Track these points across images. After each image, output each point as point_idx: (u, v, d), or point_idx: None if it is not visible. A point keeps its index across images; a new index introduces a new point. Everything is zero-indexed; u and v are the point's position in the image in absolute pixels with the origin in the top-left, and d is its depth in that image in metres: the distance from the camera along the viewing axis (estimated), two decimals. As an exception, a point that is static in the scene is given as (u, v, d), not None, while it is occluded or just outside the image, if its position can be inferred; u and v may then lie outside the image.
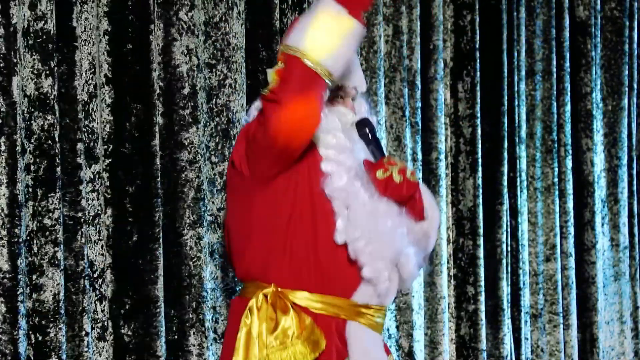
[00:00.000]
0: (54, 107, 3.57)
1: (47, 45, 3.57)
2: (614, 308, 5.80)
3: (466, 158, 5.08)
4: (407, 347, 4.80)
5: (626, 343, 5.85)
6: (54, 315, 3.57)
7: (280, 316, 3.02)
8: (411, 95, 4.84)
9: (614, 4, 5.71)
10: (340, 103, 3.20)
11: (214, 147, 4.08)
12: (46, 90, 3.56)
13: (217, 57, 4.08)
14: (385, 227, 3.08)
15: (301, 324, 3.02)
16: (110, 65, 3.80)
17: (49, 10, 3.57)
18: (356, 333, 3.09)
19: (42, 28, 3.57)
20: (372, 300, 3.11)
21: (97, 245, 3.75)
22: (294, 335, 3.00)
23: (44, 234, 3.57)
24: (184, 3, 3.97)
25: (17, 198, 3.48)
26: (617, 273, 5.79)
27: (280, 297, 3.04)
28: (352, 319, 3.09)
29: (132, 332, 3.81)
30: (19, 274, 3.48)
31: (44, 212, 3.57)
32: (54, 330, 3.57)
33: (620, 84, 5.71)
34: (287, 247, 3.05)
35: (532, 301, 5.40)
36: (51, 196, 3.57)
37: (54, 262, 3.57)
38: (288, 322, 3.02)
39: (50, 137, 3.57)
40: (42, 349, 3.57)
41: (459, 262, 5.09)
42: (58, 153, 3.57)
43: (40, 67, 3.56)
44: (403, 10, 4.82)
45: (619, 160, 5.73)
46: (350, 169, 3.09)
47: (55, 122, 3.56)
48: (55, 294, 3.57)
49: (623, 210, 5.76)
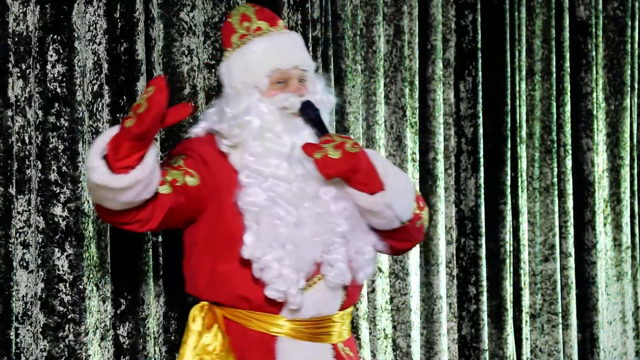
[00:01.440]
0: (25, 109, 3.56)
1: (34, 46, 3.57)
2: (616, 308, 5.80)
3: (468, 158, 5.08)
4: (404, 347, 4.79)
5: (628, 343, 5.84)
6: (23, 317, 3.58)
7: (204, 332, 3.03)
8: (411, 96, 4.84)
9: (617, 4, 5.70)
10: (282, 89, 3.09)
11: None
12: (32, 92, 3.56)
13: (217, 57, 4.08)
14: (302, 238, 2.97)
15: (224, 342, 3.02)
16: (109, 65, 3.80)
17: (35, 10, 3.57)
18: (286, 348, 3.02)
19: (28, 28, 3.57)
20: (302, 315, 3.03)
21: (101, 244, 3.75)
22: (214, 351, 3.01)
23: (34, 235, 3.58)
24: (185, 3, 3.97)
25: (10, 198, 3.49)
26: (619, 273, 5.79)
27: (209, 312, 3.05)
28: (284, 334, 3.03)
29: (128, 332, 3.81)
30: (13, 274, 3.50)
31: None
32: (23, 332, 3.57)
33: (622, 84, 5.71)
34: (210, 265, 3.03)
35: (531, 301, 5.39)
36: (20, 198, 3.57)
37: (22, 264, 3.57)
38: (209, 339, 3.02)
39: (20, 140, 3.56)
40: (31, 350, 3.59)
41: (461, 262, 5.08)
42: (29, 155, 3.56)
43: (27, 69, 3.56)
44: (404, 10, 4.81)
45: (622, 160, 5.72)
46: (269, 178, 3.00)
47: (25, 124, 3.56)
48: (23, 295, 3.57)
49: (625, 210, 5.76)
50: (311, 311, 3.03)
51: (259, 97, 3.07)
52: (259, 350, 3.01)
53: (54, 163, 3.60)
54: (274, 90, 3.08)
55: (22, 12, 3.56)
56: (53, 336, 3.59)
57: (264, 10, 3.21)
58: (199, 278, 3.08)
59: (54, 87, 3.60)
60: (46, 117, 3.59)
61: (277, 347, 3.02)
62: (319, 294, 3.02)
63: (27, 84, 3.55)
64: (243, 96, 3.08)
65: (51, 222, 3.59)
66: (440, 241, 4.90)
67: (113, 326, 3.78)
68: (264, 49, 3.11)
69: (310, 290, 3.01)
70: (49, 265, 3.58)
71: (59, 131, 3.60)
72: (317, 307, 3.03)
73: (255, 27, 3.13)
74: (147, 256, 3.83)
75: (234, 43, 3.16)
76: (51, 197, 3.59)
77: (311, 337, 3.05)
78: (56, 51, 3.61)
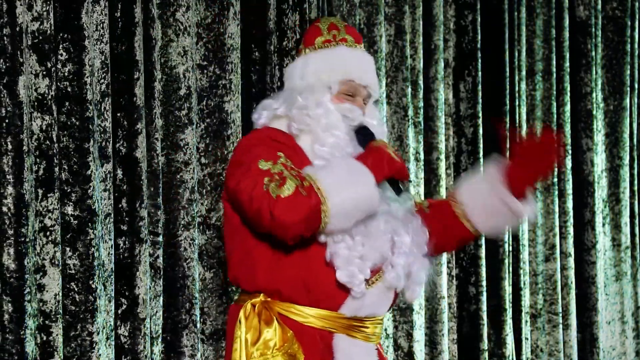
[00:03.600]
0: (52, 107, 3.56)
1: (45, 45, 3.57)
2: (615, 308, 5.80)
3: (468, 158, 5.08)
4: (406, 347, 4.79)
5: (627, 343, 5.84)
6: (55, 315, 3.58)
7: (264, 327, 3.03)
8: (414, 95, 4.84)
9: (616, 4, 5.70)
10: (349, 100, 3.18)
11: (203, 148, 4.08)
12: (43, 91, 3.56)
13: (209, 58, 4.08)
14: (375, 230, 3.04)
15: (284, 336, 3.02)
16: (111, 65, 3.80)
17: (44, 10, 3.56)
18: (344, 346, 3.06)
19: (39, 28, 3.57)
20: (360, 312, 3.07)
21: (107, 244, 3.75)
22: (275, 347, 3.01)
23: (45, 234, 3.57)
24: (180, 4, 3.97)
25: (23, 198, 3.49)
26: (618, 273, 5.79)
27: (266, 308, 3.04)
28: (340, 331, 3.06)
29: (128, 332, 3.81)
30: (26, 274, 3.49)
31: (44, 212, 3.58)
32: (56, 330, 3.57)
33: (621, 84, 5.71)
34: (274, 258, 3.04)
35: (531, 301, 5.40)
36: (50, 196, 3.56)
37: (54, 262, 3.57)
38: (270, 334, 3.02)
39: (49, 138, 3.57)
40: (46, 348, 3.58)
41: (461, 262, 5.09)
42: (56, 153, 3.57)
43: (38, 68, 3.56)
44: (406, 9, 4.81)
45: (621, 160, 5.72)
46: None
47: (52, 122, 3.56)
48: (55, 294, 3.57)
49: (625, 210, 5.76)
50: (368, 310, 3.08)
51: (329, 98, 3.15)
52: (315, 346, 3.04)
53: (64, 162, 3.60)
54: (341, 99, 3.16)
55: (37, 11, 3.56)
56: (65, 336, 3.60)
57: (352, 27, 3.35)
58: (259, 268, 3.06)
59: (64, 86, 3.61)
60: (58, 116, 3.60)
61: (335, 344, 3.06)
62: (377, 293, 3.08)
63: (52, 82, 3.55)
64: (315, 91, 3.15)
65: (63, 222, 3.59)
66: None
67: (114, 326, 3.78)
68: (347, 57, 3.21)
69: (370, 289, 3.06)
70: (61, 265, 3.59)
71: (70, 130, 3.61)
72: (373, 306, 3.09)
73: (341, 37, 3.23)
74: (147, 256, 3.83)
75: (317, 44, 3.23)
76: (63, 197, 3.59)
77: (364, 337, 3.11)
78: (66, 50, 3.61)
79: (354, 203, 2.93)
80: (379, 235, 3.05)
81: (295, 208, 2.86)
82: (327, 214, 2.89)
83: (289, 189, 2.86)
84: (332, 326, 3.06)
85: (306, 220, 2.87)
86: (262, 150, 3.01)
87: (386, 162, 3.02)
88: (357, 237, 3.01)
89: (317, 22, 3.30)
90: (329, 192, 2.89)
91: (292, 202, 2.85)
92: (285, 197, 2.86)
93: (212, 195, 4.05)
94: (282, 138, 3.10)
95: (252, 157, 3.00)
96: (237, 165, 3.03)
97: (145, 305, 3.80)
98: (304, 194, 2.87)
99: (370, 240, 3.03)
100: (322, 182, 2.90)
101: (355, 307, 3.05)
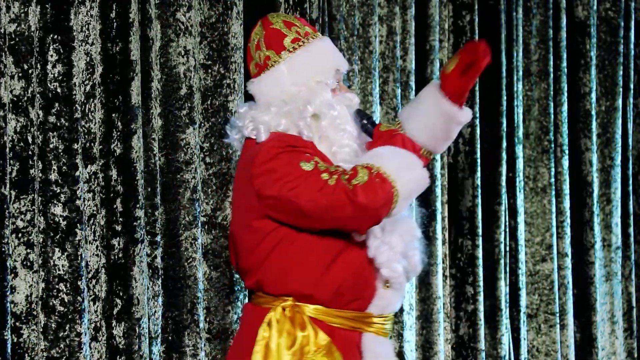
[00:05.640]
0: (27, 109, 3.54)
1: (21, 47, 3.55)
2: (605, 308, 5.82)
3: (465, 158, 5.08)
4: (396, 347, 4.79)
5: (617, 343, 5.86)
6: (27, 317, 3.56)
7: (298, 331, 3.00)
8: (404, 96, 4.85)
9: (609, 5, 5.72)
10: (342, 89, 3.17)
11: (208, 147, 4.07)
12: (18, 93, 3.54)
13: (213, 57, 4.08)
14: (402, 228, 3.08)
15: (318, 339, 3.00)
16: (104, 65, 3.78)
17: (22, 12, 3.55)
18: (371, 345, 3.08)
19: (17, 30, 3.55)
20: (385, 310, 3.10)
21: (92, 245, 3.74)
22: (311, 351, 2.99)
23: (17, 236, 3.55)
24: (181, 4, 3.97)
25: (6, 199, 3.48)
26: (608, 273, 5.80)
27: (297, 311, 3.01)
28: (366, 330, 3.08)
29: (124, 333, 3.80)
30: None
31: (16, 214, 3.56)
32: (27, 332, 3.55)
33: (614, 85, 5.73)
34: (302, 260, 3.01)
35: (528, 301, 5.41)
36: (23, 198, 3.54)
37: (25, 264, 3.55)
38: (305, 338, 3.00)
39: (23, 139, 3.54)
40: (16, 350, 3.57)
41: (458, 262, 5.09)
42: (32, 155, 3.55)
43: (14, 69, 3.54)
44: (397, 10, 4.82)
45: (612, 161, 5.74)
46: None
47: (27, 124, 3.54)
48: (27, 295, 3.55)
49: (615, 211, 5.77)
50: (392, 307, 3.11)
51: (331, 95, 3.12)
52: (347, 348, 3.03)
53: (54, 163, 3.59)
54: (335, 91, 3.14)
55: (24, 12, 3.54)
56: (54, 336, 3.58)
57: (299, 17, 3.30)
58: (293, 273, 3.02)
59: (54, 87, 3.59)
60: (46, 117, 3.58)
61: (363, 344, 3.06)
62: (400, 290, 3.12)
63: (30, 84, 3.54)
64: (318, 93, 3.10)
65: (51, 222, 3.58)
66: (438, 241, 4.92)
67: (108, 326, 3.77)
68: (326, 50, 3.17)
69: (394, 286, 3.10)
70: (49, 265, 3.57)
71: (59, 131, 3.59)
72: (396, 304, 3.12)
73: (304, 32, 3.14)
74: (143, 256, 3.82)
75: (289, 46, 3.11)
76: (52, 197, 3.58)
77: (385, 334, 3.12)
78: (56, 51, 3.60)
79: (416, 184, 3.00)
80: (407, 231, 3.09)
81: (376, 192, 2.90)
82: (397, 196, 2.93)
83: (363, 177, 2.91)
84: (361, 326, 3.06)
85: (387, 203, 2.92)
86: (294, 155, 2.98)
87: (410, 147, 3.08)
88: (393, 233, 3.05)
89: (268, 24, 3.16)
90: (395, 175, 2.93)
91: (371, 187, 2.89)
92: (363, 185, 2.89)
93: (217, 195, 4.05)
94: (302, 143, 3.06)
95: (287, 161, 2.97)
96: (269, 172, 2.97)
97: (141, 305, 3.79)
98: (377, 180, 2.90)
99: (403, 237, 3.07)
100: (384, 167, 2.94)
101: (383, 305, 3.07)
